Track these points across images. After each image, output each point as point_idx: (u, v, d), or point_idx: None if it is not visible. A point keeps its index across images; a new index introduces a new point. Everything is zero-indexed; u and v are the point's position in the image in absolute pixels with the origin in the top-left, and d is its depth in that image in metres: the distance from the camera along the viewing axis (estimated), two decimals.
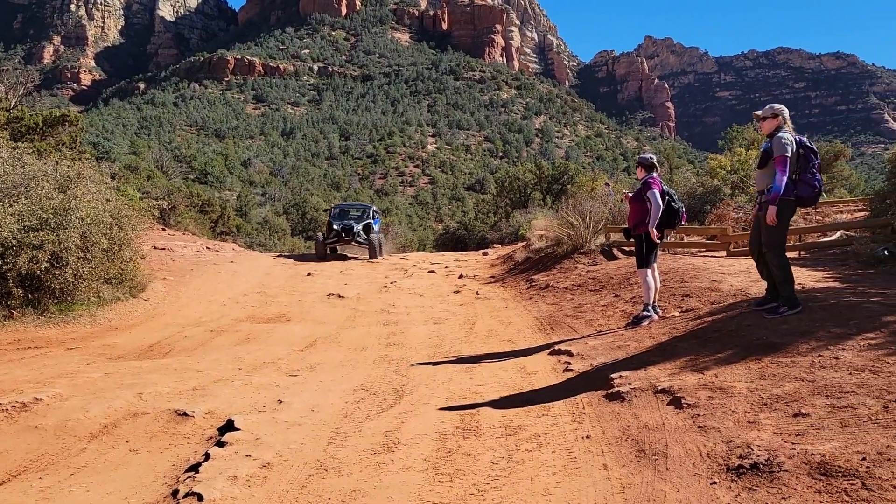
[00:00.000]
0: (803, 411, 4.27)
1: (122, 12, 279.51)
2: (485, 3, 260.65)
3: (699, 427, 4.42)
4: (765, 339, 5.93)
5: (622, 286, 10.74)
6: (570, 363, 6.78)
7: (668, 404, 4.95)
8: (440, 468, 4.34)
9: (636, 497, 3.70)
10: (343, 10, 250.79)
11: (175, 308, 12.02)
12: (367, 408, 5.75)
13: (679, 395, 5.01)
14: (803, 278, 8.52)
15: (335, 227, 21.70)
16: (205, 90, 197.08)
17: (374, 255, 21.19)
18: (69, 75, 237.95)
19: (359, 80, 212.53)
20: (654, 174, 8.40)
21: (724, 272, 9.81)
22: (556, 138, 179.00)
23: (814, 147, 6.79)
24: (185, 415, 5.47)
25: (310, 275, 16.91)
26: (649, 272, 8.24)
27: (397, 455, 4.60)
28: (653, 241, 8.21)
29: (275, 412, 5.59)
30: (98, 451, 4.88)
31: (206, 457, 4.59)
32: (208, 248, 20.61)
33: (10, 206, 9.79)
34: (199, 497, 3.96)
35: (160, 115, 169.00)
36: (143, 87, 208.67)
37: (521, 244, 19.92)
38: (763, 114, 6.89)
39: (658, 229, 8.22)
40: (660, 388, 5.27)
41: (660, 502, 3.61)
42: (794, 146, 6.62)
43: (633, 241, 8.72)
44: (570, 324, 9.26)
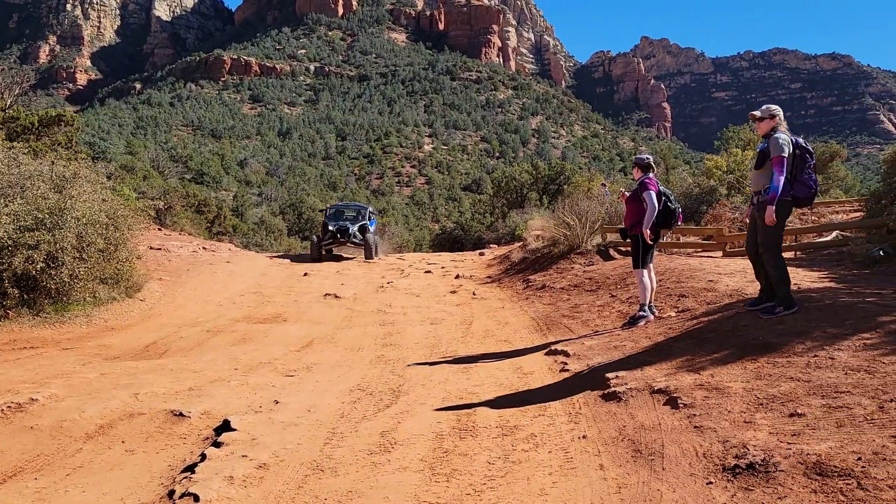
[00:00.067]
0: (799, 411, 4.28)
1: (118, 12, 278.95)
2: (481, 3, 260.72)
3: (695, 427, 4.42)
4: (761, 339, 5.95)
5: (618, 286, 10.75)
6: (566, 363, 6.78)
7: (665, 404, 4.95)
8: (437, 468, 4.34)
9: (632, 497, 3.71)
10: (339, 11, 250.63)
11: (171, 308, 12.00)
12: (364, 408, 5.74)
13: (675, 395, 5.02)
14: (799, 278, 8.55)
15: (330, 229, 21.56)
16: (201, 90, 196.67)
17: (369, 256, 21.10)
18: (65, 75, 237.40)
19: (355, 80, 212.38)
20: (651, 175, 8.41)
21: (720, 272, 9.83)
22: (553, 138, 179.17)
23: (809, 148, 6.81)
24: (181, 415, 5.46)
25: (306, 275, 16.90)
26: (645, 272, 8.26)
27: (394, 455, 4.60)
28: (648, 241, 8.23)
29: (271, 412, 5.59)
30: (94, 452, 4.87)
31: (203, 457, 4.59)
32: (204, 248, 20.57)
33: (6, 206, 9.76)
34: (196, 497, 3.96)
35: (156, 115, 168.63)
36: (139, 86, 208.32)
37: (517, 244, 19.93)
38: (761, 114, 6.91)
39: (654, 230, 8.24)
40: (656, 388, 5.28)
41: (656, 502, 3.61)
42: (791, 147, 6.64)
43: (629, 241, 8.73)
44: (566, 324, 9.27)
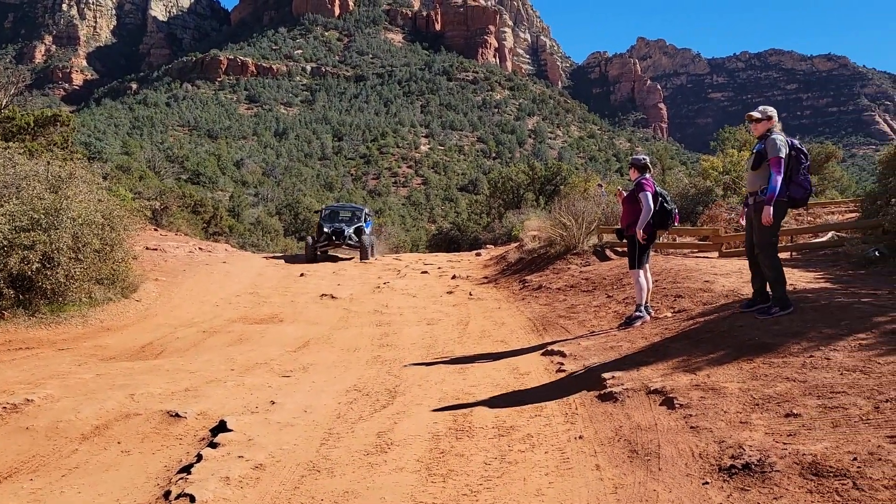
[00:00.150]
0: (795, 412, 4.29)
1: (114, 12, 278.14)
2: (478, 3, 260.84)
3: (691, 427, 4.43)
4: (757, 339, 5.96)
5: (615, 287, 10.76)
6: (562, 364, 6.78)
7: (661, 405, 4.96)
8: (433, 469, 4.34)
9: (629, 497, 3.71)
10: (336, 11, 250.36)
11: (167, 309, 11.97)
12: (360, 409, 5.74)
13: (671, 395, 5.02)
14: (795, 279, 8.57)
15: (325, 231, 21.31)
16: (197, 90, 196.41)
17: (365, 257, 20.98)
18: (61, 75, 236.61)
19: (352, 80, 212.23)
20: (647, 175, 8.42)
21: (716, 273, 9.85)
22: (549, 139, 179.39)
23: (804, 149, 6.86)
24: (177, 416, 5.45)
25: (303, 275, 16.89)
26: (641, 273, 8.27)
27: (390, 456, 4.60)
28: (646, 241, 8.25)
29: (267, 413, 5.58)
30: (89, 453, 4.86)
31: (199, 458, 4.58)
32: (201, 248, 20.53)
33: (1, 206, 9.74)
34: (192, 498, 3.95)
35: (152, 116, 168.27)
36: (135, 87, 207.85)
37: (514, 245, 19.94)
38: (760, 115, 6.93)
39: (650, 230, 8.25)
40: (652, 388, 5.28)
41: (652, 503, 3.62)
42: (787, 148, 6.68)
43: (625, 241, 8.74)
44: (562, 324, 9.28)
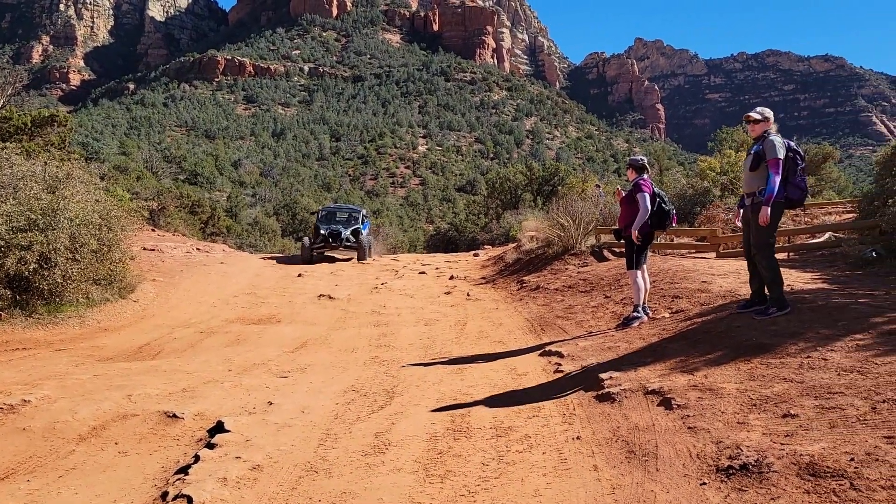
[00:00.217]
0: (792, 412, 4.30)
1: (111, 12, 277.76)
2: (475, 4, 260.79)
3: (689, 428, 4.43)
4: (754, 340, 5.97)
5: (612, 287, 10.77)
6: (560, 364, 6.79)
7: (658, 405, 4.96)
8: (431, 469, 4.34)
9: (626, 498, 3.71)
10: (334, 11, 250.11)
11: (165, 309, 11.96)
12: (358, 409, 5.74)
13: (669, 395, 5.03)
14: (792, 280, 8.58)
15: (322, 233, 21.18)
16: (195, 90, 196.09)
17: (362, 258, 20.95)
18: (58, 75, 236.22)
19: (350, 80, 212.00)
20: (645, 176, 8.43)
21: (713, 273, 9.86)
22: (547, 139, 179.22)
23: (800, 150, 6.89)
24: (174, 416, 5.44)
25: (300, 276, 16.87)
26: (639, 273, 8.28)
27: (388, 456, 4.59)
28: (643, 241, 8.26)
29: (265, 414, 5.57)
30: (87, 454, 4.85)
31: (196, 459, 4.58)
32: (198, 249, 20.50)
33: None
34: (189, 499, 3.95)
35: (150, 116, 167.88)
36: (132, 87, 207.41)
37: (511, 245, 19.94)
38: (758, 117, 6.94)
39: (648, 231, 8.26)
40: (650, 388, 5.29)
41: (650, 503, 3.62)
42: (785, 149, 6.71)
43: (623, 242, 8.75)
44: (560, 325, 9.28)
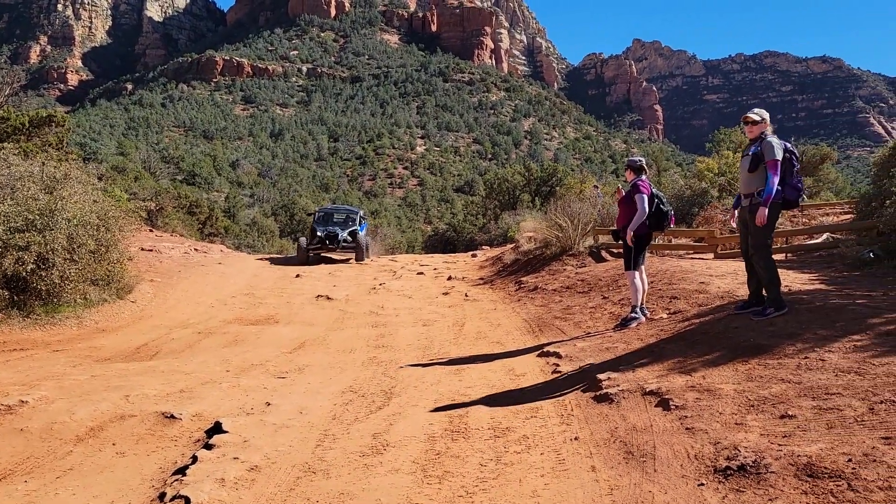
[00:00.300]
0: (790, 413, 4.30)
1: (109, 12, 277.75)
2: (474, 5, 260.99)
3: (687, 429, 4.43)
4: (752, 340, 5.97)
5: (610, 288, 10.77)
6: (558, 365, 6.79)
7: (656, 406, 4.96)
8: (429, 470, 4.33)
9: (624, 499, 3.71)
10: (332, 12, 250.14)
11: (162, 310, 11.95)
12: (356, 410, 5.73)
13: (667, 396, 5.03)
14: (790, 280, 8.59)
15: (319, 234, 20.93)
16: (193, 91, 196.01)
17: (361, 258, 20.88)
18: (56, 75, 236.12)
19: (348, 81, 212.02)
20: (643, 177, 8.44)
21: (711, 274, 9.87)
22: (545, 140, 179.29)
23: (796, 151, 6.91)
24: (172, 417, 5.43)
25: (298, 276, 16.85)
26: (637, 274, 8.28)
27: (386, 457, 4.59)
28: (641, 242, 8.27)
29: (263, 414, 5.57)
30: (84, 454, 4.84)
31: (194, 459, 4.57)
32: (196, 249, 20.50)
33: None
34: (187, 500, 3.94)
35: (148, 116, 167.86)
36: (130, 87, 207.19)
37: (509, 246, 19.94)
38: (757, 118, 6.94)
39: (644, 231, 8.27)
40: (648, 389, 5.29)
41: None
42: (783, 150, 6.72)
43: (621, 242, 8.75)
44: (558, 325, 9.28)
